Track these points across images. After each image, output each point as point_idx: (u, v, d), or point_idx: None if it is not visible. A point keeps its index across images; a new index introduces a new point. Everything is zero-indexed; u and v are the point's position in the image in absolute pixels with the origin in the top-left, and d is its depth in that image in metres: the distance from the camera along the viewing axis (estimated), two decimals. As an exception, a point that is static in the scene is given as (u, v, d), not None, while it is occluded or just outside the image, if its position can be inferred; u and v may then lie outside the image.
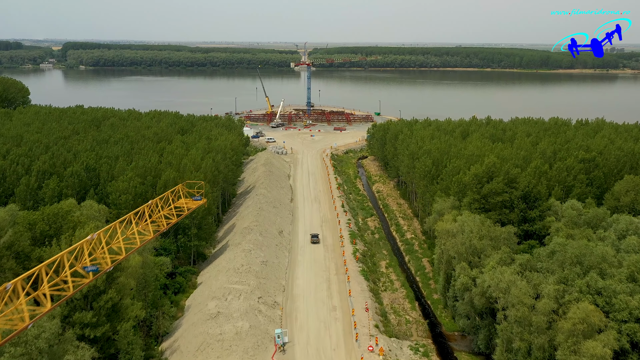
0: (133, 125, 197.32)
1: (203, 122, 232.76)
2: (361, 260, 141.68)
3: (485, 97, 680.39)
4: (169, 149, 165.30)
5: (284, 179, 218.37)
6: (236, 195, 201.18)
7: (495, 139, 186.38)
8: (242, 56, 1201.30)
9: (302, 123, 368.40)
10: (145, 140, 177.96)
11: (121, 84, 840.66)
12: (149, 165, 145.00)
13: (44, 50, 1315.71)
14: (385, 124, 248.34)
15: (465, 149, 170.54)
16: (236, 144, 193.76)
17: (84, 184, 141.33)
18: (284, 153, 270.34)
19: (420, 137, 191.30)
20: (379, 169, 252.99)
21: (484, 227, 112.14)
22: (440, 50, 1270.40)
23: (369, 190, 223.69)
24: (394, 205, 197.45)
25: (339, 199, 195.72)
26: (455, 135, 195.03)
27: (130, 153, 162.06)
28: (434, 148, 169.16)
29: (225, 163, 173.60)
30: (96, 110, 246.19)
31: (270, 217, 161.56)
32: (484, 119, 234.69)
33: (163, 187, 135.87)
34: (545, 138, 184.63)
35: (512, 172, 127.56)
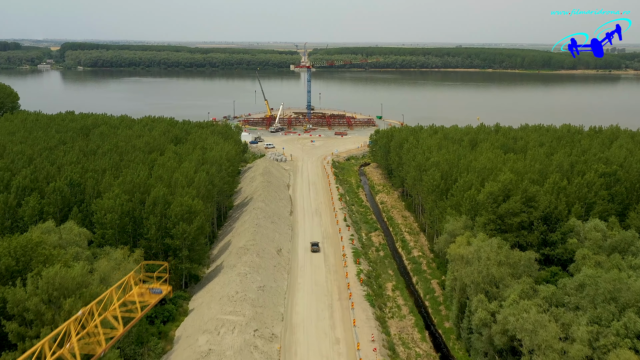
0: (124, 134, 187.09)
1: (198, 129, 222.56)
2: (366, 283, 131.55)
3: (488, 99, 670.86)
4: (160, 161, 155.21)
5: (283, 189, 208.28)
6: (233, 207, 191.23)
7: (506, 149, 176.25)
8: (241, 57, 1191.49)
9: (302, 127, 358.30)
10: (135, 150, 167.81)
11: (119, 85, 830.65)
12: (138, 180, 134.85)
13: (42, 51, 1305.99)
14: (389, 131, 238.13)
15: (476, 160, 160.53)
16: (232, 154, 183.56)
17: (67, 200, 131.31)
18: (283, 160, 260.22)
19: (427, 147, 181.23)
20: (382, 177, 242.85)
21: (502, 252, 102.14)
22: (441, 51, 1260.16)
23: (372, 200, 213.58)
24: (399, 218, 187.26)
25: (340, 211, 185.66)
26: (463, 144, 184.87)
27: (119, 165, 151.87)
28: (442, 159, 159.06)
29: (220, 175, 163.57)
30: (87, 117, 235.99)
31: (268, 234, 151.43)
32: (493, 126, 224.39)
33: (152, 205, 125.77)
34: (559, 148, 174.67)
35: (531, 190, 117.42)
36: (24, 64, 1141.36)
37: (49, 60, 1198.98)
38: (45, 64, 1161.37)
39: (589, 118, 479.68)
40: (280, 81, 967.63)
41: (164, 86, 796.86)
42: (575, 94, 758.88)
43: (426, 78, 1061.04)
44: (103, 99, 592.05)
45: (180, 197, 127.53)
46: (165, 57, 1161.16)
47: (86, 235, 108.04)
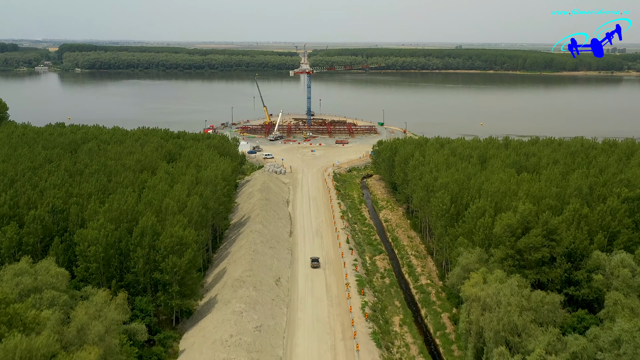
0: (114, 151, 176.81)
1: (193, 142, 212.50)
2: (371, 318, 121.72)
3: (491, 102, 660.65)
4: (151, 183, 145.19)
5: (282, 206, 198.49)
6: (229, 226, 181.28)
7: (519, 167, 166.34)
8: (240, 58, 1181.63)
9: (302, 135, 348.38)
10: (125, 170, 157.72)
11: (116, 88, 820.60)
12: (125, 207, 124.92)
13: (39, 53, 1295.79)
14: (393, 143, 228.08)
15: (488, 179, 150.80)
16: (228, 172, 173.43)
17: (48, 230, 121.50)
18: (283, 172, 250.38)
19: (435, 165, 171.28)
20: (386, 191, 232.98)
21: (523, 292, 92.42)
22: (442, 52, 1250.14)
23: (376, 217, 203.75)
24: (404, 238, 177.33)
25: (343, 231, 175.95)
26: (472, 161, 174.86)
27: (106, 188, 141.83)
28: (451, 180, 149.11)
29: (215, 196, 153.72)
30: (77, 129, 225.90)
31: (266, 261, 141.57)
32: (502, 139, 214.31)
33: (139, 236, 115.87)
34: (575, 167, 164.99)
35: (552, 223, 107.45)
36: (21, 66, 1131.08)
37: (47, 62, 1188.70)
38: (43, 66, 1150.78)
39: (595, 123, 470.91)
40: (280, 83, 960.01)
41: (162, 89, 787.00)
42: (579, 97, 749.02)
43: (427, 80, 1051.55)
44: (100, 103, 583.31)
45: (170, 227, 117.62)
46: (163, 59, 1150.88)
47: (64, 276, 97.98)
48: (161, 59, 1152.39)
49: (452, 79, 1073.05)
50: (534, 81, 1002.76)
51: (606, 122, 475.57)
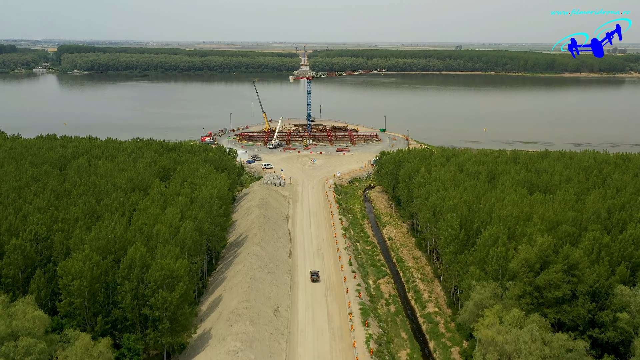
0: (104, 168, 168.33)
1: (189, 155, 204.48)
2: (376, 354, 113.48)
3: (493, 105, 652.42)
4: (141, 205, 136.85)
5: (281, 223, 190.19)
6: (226, 245, 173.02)
7: (530, 186, 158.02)
8: (240, 60, 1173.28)
9: (302, 143, 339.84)
10: (115, 190, 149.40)
11: (115, 91, 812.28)
12: (113, 235, 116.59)
13: (38, 54, 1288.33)
14: (396, 155, 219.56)
15: (498, 200, 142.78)
16: (225, 190, 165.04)
17: (30, 260, 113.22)
18: (282, 184, 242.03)
19: (442, 182, 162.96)
20: (389, 204, 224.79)
21: (545, 337, 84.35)
22: (442, 54, 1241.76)
23: (379, 234, 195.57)
24: (409, 259, 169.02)
25: (345, 251, 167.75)
26: (481, 178, 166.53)
27: (94, 212, 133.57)
28: (459, 201, 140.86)
29: (211, 218, 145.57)
30: (68, 142, 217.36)
31: (264, 289, 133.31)
32: (510, 152, 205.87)
33: (127, 268, 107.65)
34: (589, 184, 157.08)
35: (573, 257, 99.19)
36: (19, 68, 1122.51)
37: (45, 64, 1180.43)
38: (41, 68, 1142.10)
39: (600, 128, 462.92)
40: (280, 86, 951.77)
41: (160, 92, 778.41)
42: (582, 100, 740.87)
43: (428, 82, 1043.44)
44: (97, 107, 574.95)
45: (160, 258, 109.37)
46: (162, 60, 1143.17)
47: (43, 320, 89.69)
48: (160, 60, 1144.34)
49: (453, 80, 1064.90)
50: (536, 83, 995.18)
51: (611, 127, 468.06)
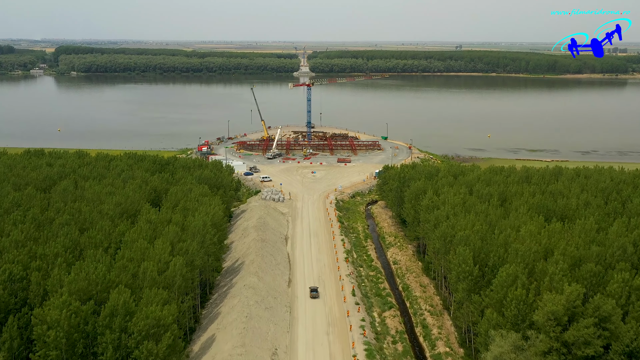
0: (91, 191, 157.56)
1: (183, 172, 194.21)
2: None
3: (495, 108, 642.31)
4: (128, 237, 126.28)
5: (280, 245, 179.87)
6: (221, 271, 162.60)
7: (547, 212, 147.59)
8: (239, 61, 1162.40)
9: (302, 152, 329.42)
10: (102, 217, 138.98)
11: (112, 93, 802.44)
12: (95, 277, 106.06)
13: (35, 55, 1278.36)
14: (401, 172, 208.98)
15: (513, 228, 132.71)
16: (219, 215, 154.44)
17: (3, 305, 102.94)
18: (281, 200, 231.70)
19: (451, 206, 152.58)
20: (393, 222, 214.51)
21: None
22: (443, 55, 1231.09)
23: (383, 257, 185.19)
24: (416, 287, 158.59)
25: (348, 279, 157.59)
26: (493, 202, 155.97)
27: (76, 245, 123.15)
28: (472, 232, 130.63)
29: (204, 248, 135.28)
30: (56, 158, 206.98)
31: (261, 328, 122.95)
32: (522, 169, 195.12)
33: (109, 316, 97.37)
34: (609, 210, 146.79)
35: (605, 309, 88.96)
36: (16, 69, 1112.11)
37: (42, 65, 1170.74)
38: (38, 69, 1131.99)
39: (606, 133, 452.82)
40: (280, 87, 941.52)
41: (159, 95, 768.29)
42: (585, 103, 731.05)
43: (429, 83, 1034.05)
44: (94, 112, 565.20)
45: (146, 305, 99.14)
46: (161, 62, 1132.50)
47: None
48: (158, 61, 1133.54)
49: (454, 82, 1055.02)
50: (538, 85, 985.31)
51: (618, 133, 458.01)
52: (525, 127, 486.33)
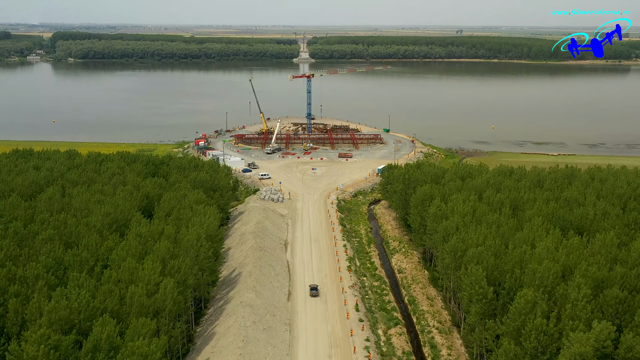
0: (79, 199, 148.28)
1: (178, 173, 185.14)
2: None
3: (498, 95, 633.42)
4: (116, 255, 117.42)
5: (279, 253, 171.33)
6: (217, 282, 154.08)
7: (563, 223, 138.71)
8: (238, 47, 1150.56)
9: (302, 147, 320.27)
10: (89, 230, 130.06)
11: (110, 81, 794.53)
12: (77, 304, 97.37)
13: (32, 41, 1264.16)
14: (406, 173, 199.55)
15: (528, 242, 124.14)
16: (215, 226, 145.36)
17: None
18: (280, 200, 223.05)
19: (460, 216, 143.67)
20: (397, 224, 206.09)
21: None
22: (444, 40, 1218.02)
23: (387, 264, 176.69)
24: (423, 300, 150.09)
25: (350, 291, 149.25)
26: (505, 211, 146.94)
27: (60, 265, 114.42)
28: (484, 248, 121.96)
29: (198, 264, 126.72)
30: (45, 159, 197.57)
31: (259, 354, 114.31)
32: (532, 172, 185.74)
33: (92, 351, 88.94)
34: (629, 221, 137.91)
35: (638, 349, 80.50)
36: (12, 55, 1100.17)
37: (39, 51, 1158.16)
38: (35, 56, 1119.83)
39: (612, 123, 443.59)
40: (279, 73, 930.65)
41: (157, 82, 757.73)
42: (588, 90, 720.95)
43: (430, 69, 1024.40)
44: (90, 101, 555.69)
45: (132, 339, 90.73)
46: (159, 48, 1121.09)
47: None
48: (156, 47, 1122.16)
49: (456, 68, 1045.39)
50: (540, 71, 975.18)
51: (624, 123, 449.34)
52: (529, 116, 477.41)
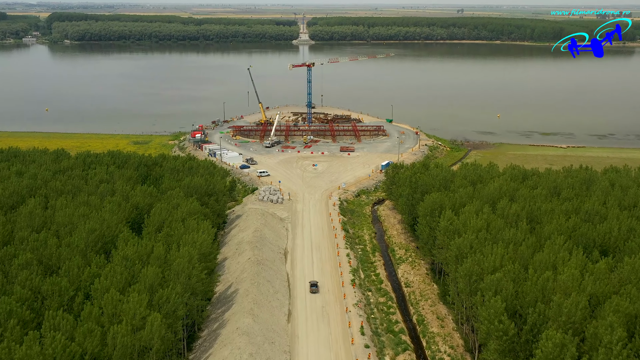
0: (62, 214, 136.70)
1: (170, 181, 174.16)
2: None
3: (502, 80, 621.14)
4: (98, 285, 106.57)
5: (278, 265, 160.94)
6: (212, 299, 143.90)
7: (586, 242, 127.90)
8: (236, 29, 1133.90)
9: (302, 139, 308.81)
10: (71, 252, 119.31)
11: (107, 64, 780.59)
12: (52, 350, 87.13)
13: (28, 22, 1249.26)
14: (412, 176, 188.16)
15: (548, 265, 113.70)
16: (208, 243, 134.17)
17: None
18: (280, 201, 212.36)
19: (474, 232, 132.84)
20: (402, 229, 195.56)
21: None
22: (446, 22, 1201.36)
23: (393, 276, 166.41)
24: (432, 320, 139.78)
25: (355, 310, 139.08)
26: (522, 226, 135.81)
27: (37, 295, 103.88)
28: (502, 274, 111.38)
29: (190, 288, 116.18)
30: (29, 162, 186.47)
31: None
32: (548, 179, 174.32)
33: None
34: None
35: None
36: (8, 38, 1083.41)
37: (35, 33, 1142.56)
38: (31, 37, 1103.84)
39: (621, 112, 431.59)
40: (278, 55, 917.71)
41: (154, 67, 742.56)
42: (593, 74, 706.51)
43: (431, 52, 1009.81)
44: (86, 87, 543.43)
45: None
46: (157, 29, 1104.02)
47: None
48: (154, 29, 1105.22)
49: (458, 50, 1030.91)
50: (543, 53, 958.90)
51: (632, 111, 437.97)
52: (535, 103, 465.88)
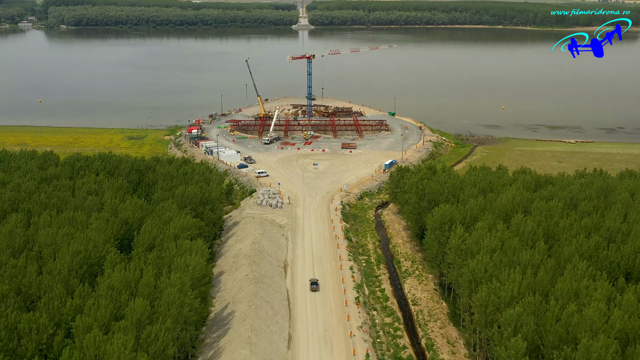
0: (45, 233, 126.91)
1: (163, 192, 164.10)
2: None
3: (505, 67, 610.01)
4: (80, 322, 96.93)
5: (278, 281, 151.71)
6: (207, 320, 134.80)
7: (610, 265, 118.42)
8: (235, 13, 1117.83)
9: (302, 135, 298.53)
10: (52, 279, 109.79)
11: (104, 51, 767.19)
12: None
13: (24, 6, 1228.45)
14: (419, 182, 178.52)
15: (571, 294, 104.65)
16: (202, 266, 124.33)
17: None
18: (279, 205, 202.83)
19: (488, 252, 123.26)
20: (407, 236, 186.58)
21: None
22: (448, 6, 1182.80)
23: (399, 291, 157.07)
24: (443, 345, 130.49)
25: (360, 334, 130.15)
26: (539, 247, 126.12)
27: (10, 336, 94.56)
28: (523, 308, 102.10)
29: (182, 318, 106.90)
30: (14, 169, 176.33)
31: None
32: (563, 187, 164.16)
33: None
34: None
35: None
36: (3, 23, 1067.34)
37: (31, 18, 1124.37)
38: (27, 22, 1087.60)
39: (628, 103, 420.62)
40: (277, 40, 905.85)
41: (152, 54, 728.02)
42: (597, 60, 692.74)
43: (432, 36, 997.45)
44: (81, 76, 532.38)
45: None
46: (154, 14, 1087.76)
47: None
48: (151, 14, 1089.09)
49: (459, 35, 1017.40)
50: (546, 38, 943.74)
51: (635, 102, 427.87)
52: (539, 93, 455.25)
